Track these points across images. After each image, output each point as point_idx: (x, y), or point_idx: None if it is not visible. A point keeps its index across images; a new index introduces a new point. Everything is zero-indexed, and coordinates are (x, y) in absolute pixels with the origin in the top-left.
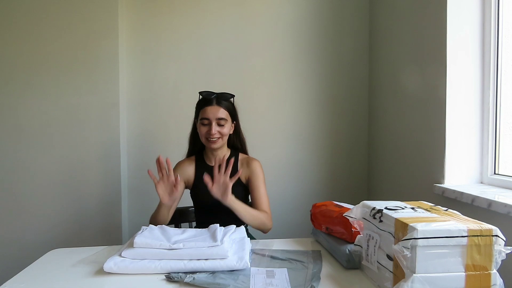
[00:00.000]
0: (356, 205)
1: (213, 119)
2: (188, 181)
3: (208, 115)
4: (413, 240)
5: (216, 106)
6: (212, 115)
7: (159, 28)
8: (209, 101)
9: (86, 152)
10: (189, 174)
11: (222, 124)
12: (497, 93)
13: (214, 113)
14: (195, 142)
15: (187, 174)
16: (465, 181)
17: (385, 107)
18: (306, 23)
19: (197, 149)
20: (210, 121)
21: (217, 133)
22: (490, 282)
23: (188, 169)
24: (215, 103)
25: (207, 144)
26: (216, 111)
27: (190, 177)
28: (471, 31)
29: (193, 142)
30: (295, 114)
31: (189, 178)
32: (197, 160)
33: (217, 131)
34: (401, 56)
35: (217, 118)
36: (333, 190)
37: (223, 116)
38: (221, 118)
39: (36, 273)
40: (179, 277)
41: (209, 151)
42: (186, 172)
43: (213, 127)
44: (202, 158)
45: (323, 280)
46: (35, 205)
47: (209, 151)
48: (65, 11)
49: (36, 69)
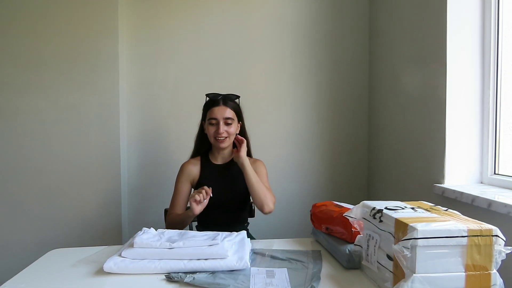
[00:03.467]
0: (356, 205)
1: (220, 119)
2: (193, 180)
3: (216, 115)
4: (413, 240)
5: (223, 107)
6: (220, 115)
7: (159, 28)
8: (216, 102)
9: (86, 152)
10: (194, 174)
11: (229, 123)
12: (497, 93)
13: (222, 113)
14: (202, 143)
15: (193, 174)
16: (465, 181)
17: (385, 107)
18: (306, 23)
19: (204, 150)
20: (218, 121)
21: (224, 132)
22: (490, 282)
23: (193, 169)
24: (222, 103)
25: (216, 143)
26: (223, 111)
27: (195, 177)
28: (471, 31)
29: (200, 142)
30: (295, 114)
31: (194, 178)
32: (202, 160)
33: (224, 130)
34: (401, 56)
35: (225, 118)
36: (333, 190)
37: (230, 115)
38: (228, 117)
39: (36, 273)
40: (179, 277)
41: (215, 150)
42: (192, 172)
43: (221, 126)
44: (207, 157)
45: (323, 280)
46: (35, 205)
47: (216, 150)
48: (65, 11)
49: (36, 69)
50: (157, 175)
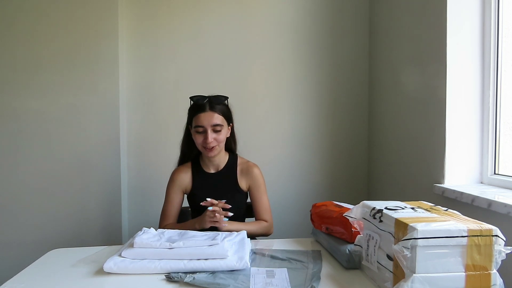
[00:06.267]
0: (356, 205)
1: (208, 126)
2: (185, 189)
3: (203, 122)
4: (413, 240)
5: (210, 112)
6: (207, 122)
7: (159, 28)
8: (202, 107)
9: (86, 152)
10: (186, 183)
11: (218, 130)
12: (497, 93)
13: (209, 120)
14: (189, 149)
15: (185, 183)
16: (465, 181)
17: (385, 107)
18: (306, 23)
19: (193, 156)
20: (206, 129)
21: (213, 141)
22: (490, 282)
23: (185, 177)
24: (208, 108)
25: (205, 152)
26: (210, 117)
27: (187, 186)
28: (471, 31)
29: (188, 148)
30: (295, 114)
31: (186, 187)
32: (193, 167)
33: (213, 139)
34: (401, 56)
35: (213, 125)
36: (333, 190)
37: (218, 122)
38: (216, 124)
39: (36, 273)
40: (179, 277)
41: (206, 158)
42: (184, 181)
43: (209, 135)
44: (198, 164)
45: (323, 280)
46: (35, 205)
47: (206, 158)
48: (65, 11)
49: (36, 69)
50: (157, 175)
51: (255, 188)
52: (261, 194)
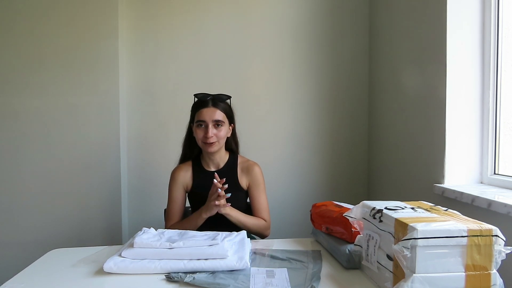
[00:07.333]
0: (356, 205)
1: (209, 121)
2: (186, 187)
3: (204, 117)
4: (413, 240)
5: (213, 108)
6: (209, 117)
7: (159, 28)
8: (205, 103)
9: (86, 152)
10: (187, 181)
11: (219, 125)
12: (497, 93)
13: (211, 115)
14: (191, 147)
15: (186, 181)
16: (465, 181)
17: (385, 107)
18: (306, 23)
19: (194, 155)
20: (207, 124)
21: (214, 136)
22: (490, 282)
23: (185, 176)
24: (211, 104)
25: (204, 148)
26: (212, 113)
27: (188, 184)
28: (471, 31)
29: (189, 146)
30: (295, 114)
31: (187, 184)
32: (194, 165)
33: (214, 134)
34: (401, 56)
35: (214, 120)
36: (333, 190)
37: (219, 118)
38: (217, 120)
39: (36, 273)
40: (179, 277)
41: (206, 156)
42: (184, 179)
43: (210, 130)
44: (199, 163)
45: (323, 280)
46: (35, 205)
47: (207, 156)
48: (65, 11)
49: (36, 69)
50: (157, 175)
51: (254, 186)
52: (260, 192)
